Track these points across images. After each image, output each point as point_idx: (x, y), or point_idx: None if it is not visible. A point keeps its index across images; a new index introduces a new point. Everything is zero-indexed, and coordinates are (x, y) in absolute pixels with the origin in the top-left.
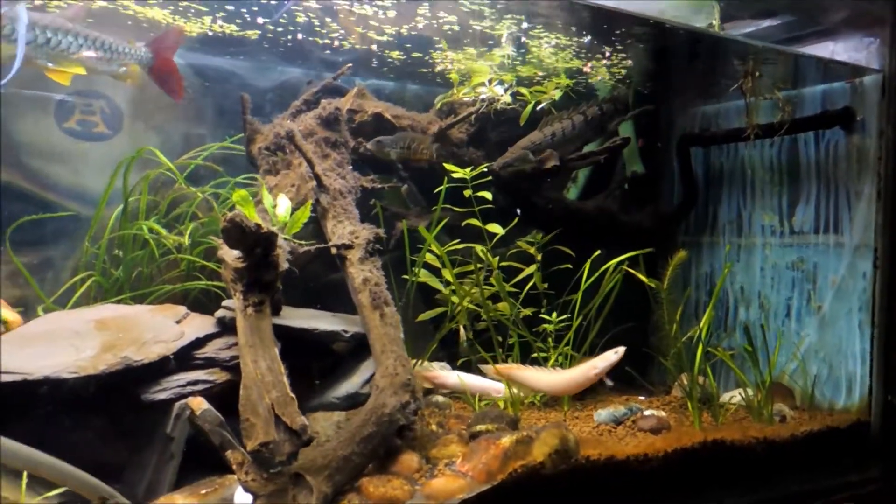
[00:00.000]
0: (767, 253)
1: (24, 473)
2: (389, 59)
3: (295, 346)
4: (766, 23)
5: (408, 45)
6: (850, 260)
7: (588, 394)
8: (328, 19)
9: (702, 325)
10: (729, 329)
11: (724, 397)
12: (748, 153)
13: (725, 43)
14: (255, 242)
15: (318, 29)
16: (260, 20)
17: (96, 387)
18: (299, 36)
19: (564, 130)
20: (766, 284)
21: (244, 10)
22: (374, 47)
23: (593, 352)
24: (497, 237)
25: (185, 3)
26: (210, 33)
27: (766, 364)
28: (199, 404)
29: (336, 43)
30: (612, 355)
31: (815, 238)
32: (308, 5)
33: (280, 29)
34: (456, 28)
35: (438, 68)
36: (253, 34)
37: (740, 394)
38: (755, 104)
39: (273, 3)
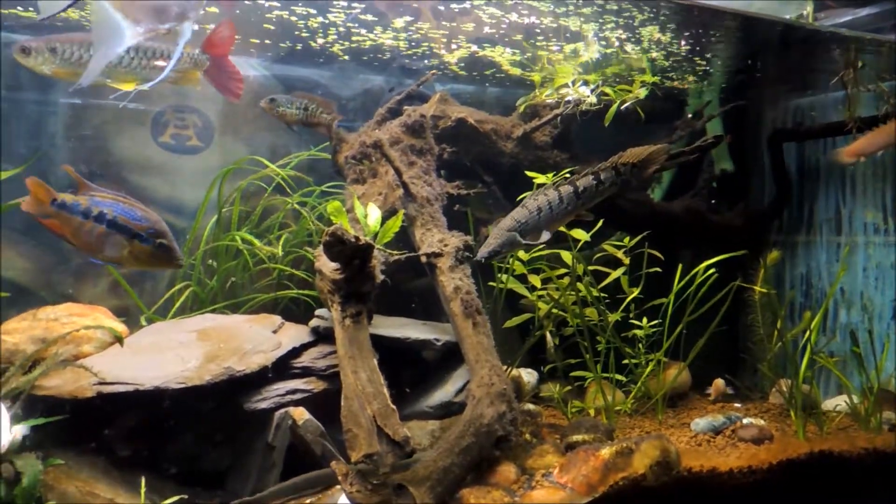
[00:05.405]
0: (870, 252)
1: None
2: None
3: (386, 354)
4: (865, 11)
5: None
6: None
7: (680, 401)
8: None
9: (812, 326)
10: (829, 332)
11: (827, 404)
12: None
13: (820, 32)
14: (353, 254)
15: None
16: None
17: (201, 396)
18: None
19: (552, 204)
20: (870, 285)
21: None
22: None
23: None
24: (582, 242)
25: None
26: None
27: (873, 369)
28: (301, 415)
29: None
30: None
31: None
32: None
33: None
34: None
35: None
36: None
37: (845, 401)
38: (856, 96)
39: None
